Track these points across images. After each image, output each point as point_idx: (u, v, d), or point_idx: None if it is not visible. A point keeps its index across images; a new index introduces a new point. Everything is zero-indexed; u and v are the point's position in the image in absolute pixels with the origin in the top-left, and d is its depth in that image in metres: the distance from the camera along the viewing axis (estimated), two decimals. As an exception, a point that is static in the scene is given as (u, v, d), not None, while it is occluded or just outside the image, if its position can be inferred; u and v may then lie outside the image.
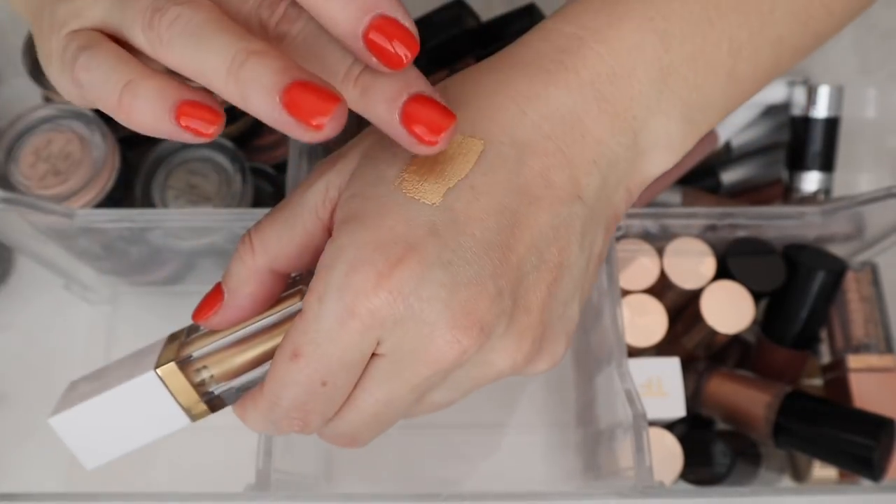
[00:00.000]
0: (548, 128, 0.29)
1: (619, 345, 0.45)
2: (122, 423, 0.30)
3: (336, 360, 0.27)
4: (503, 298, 0.27)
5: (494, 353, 0.28)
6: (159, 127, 0.26)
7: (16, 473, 0.54)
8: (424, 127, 0.26)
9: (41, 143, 0.54)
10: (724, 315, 0.50)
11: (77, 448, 0.30)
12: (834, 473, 0.51)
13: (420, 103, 0.26)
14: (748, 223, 0.49)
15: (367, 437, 0.30)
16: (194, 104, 0.25)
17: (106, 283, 0.57)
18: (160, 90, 0.25)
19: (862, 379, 0.51)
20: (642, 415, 0.42)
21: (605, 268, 0.47)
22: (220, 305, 0.30)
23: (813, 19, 0.32)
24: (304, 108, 0.24)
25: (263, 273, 0.30)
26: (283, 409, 0.28)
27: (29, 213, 0.45)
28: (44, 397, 0.53)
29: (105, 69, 0.26)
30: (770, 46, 0.32)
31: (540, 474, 0.54)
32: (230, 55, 0.25)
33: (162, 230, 0.49)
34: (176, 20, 0.25)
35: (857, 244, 0.52)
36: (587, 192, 0.29)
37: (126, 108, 0.26)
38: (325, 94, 0.24)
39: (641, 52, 0.30)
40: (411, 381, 0.28)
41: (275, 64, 0.24)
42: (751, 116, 0.58)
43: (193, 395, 0.30)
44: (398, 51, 0.25)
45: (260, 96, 0.24)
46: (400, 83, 0.26)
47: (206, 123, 0.25)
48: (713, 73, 0.31)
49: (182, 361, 0.29)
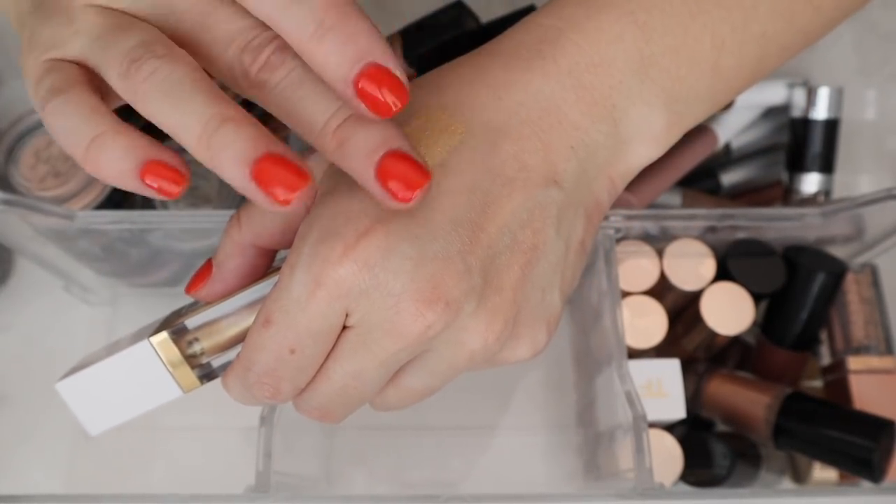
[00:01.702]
0: (524, 113, 0.29)
1: (619, 346, 0.45)
2: (121, 391, 0.31)
3: (304, 328, 0.27)
4: (472, 275, 0.27)
5: (465, 333, 0.28)
6: (124, 183, 0.26)
7: (15, 475, 0.54)
8: (399, 183, 0.26)
9: (41, 145, 0.54)
10: (724, 316, 0.50)
11: (81, 414, 0.32)
12: (834, 475, 0.51)
13: (396, 159, 0.26)
14: (748, 225, 0.49)
15: (340, 411, 0.31)
16: (160, 164, 0.25)
17: (106, 284, 0.57)
18: (127, 148, 0.25)
19: (862, 380, 0.51)
20: (642, 416, 0.42)
21: (605, 269, 0.47)
22: (209, 278, 0.31)
23: (798, 16, 0.32)
24: (272, 181, 0.25)
25: (248, 248, 0.31)
26: (255, 375, 0.29)
27: (29, 214, 0.45)
28: (44, 399, 0.54)
29: (75, 119, 0.26)
30: (754, 42, 0.32)
31: (540, 476, 0.54)
32: (204, 119, 0.25)
33: (162, 232, 0.49)
34: (153, 74, 0.25)
35: (858, 246, 0.52)
36: (564, 178, 0.29)
37: (92, 161, 0.25)
38: (294, 169, 0.25)
39: (621, 43, 0.30)
40: (379, 354, 0.28)
41: (247, 133, 0.25)
42: (750, 118, 0.58)
43: (185, 365, 0.31)
44: (387, 99, 0.25)
45: (230, 165, 0.25)
46: (377, 139, 0.26)
47: (170, 183, 0.25)
48: (696, 66, 0.31)
49: (175, 332, 0.30)
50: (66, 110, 0.26)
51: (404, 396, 0.31)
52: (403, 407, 0.32)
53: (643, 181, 0.53)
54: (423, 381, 0.30)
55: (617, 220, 0.48)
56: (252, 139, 0.25)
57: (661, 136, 0.31)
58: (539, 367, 0.57)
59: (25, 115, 0.54)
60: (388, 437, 0.55)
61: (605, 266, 0.47)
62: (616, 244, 0.48)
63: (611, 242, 0.48)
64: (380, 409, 0.32)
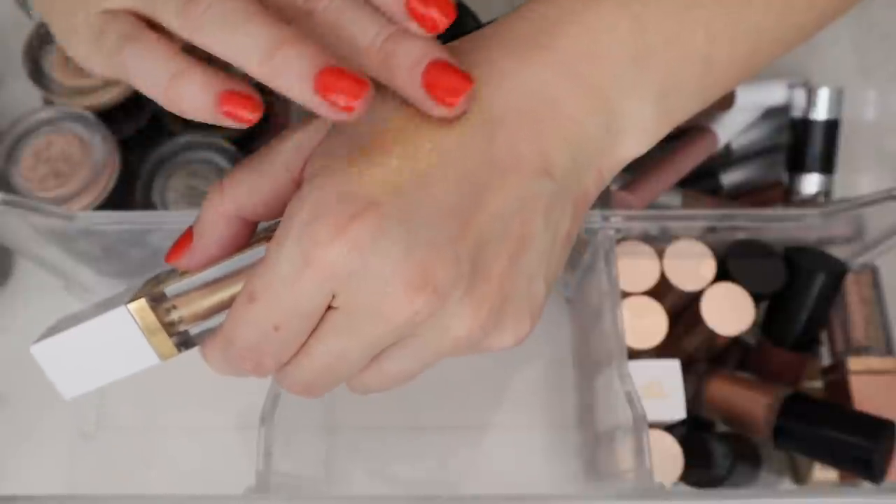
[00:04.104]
0: (520, 103, 0.29)
1: (620, 347, 0.45)
2: (97, 356, 0.31)
3: (289, 306, 0.28)
4: (461, 263, 0.28)
5: (451, 319, 0.28)
6: (203, 113, 0.27)
7: (15, 475, 0.54)
8: (444, 90, 0.28)
9: (41, 146, 0.54)
10: (724, 317, 0.50)
11: (55, 377, 0.32)
12: (834, 475, 0.51)
13: (440, 69, 0.28)
14: (748, 225, 0.49)
15: (321, 387, 0.31)
16: (235, 94, 0.27)
17: (106, 285, 0.57)
18: (204, 82, 0.27)
19: (862, 381, 0.51)
20: (642, 417, 0.42)
21: (606, 269, 0.47)
22: (189, 247, 0.31)
23: (791, 9, 0.33)
24: (335, 91, 0.26)
25: (231, 218, 0.31)
26: (237, 349, 0.29)
27: (29, 215, 0.45)
28: (44, 399, 0.54)
29: (154, 60, 0.28)
30: (748, 36, 0.32)
31: (540, 476, 0.54)
32: (263, 42, 0.26)
33: (162, 232, 0.49)
34: (209, 8, 0.27)
35: (858, 246, 0.52)
36: (557, 169, 0.30)
37: (172, 95, 0.27)
38: (354, 78, 0.26)
39: (616, 35, 0.30)
40: (364, 337, 0.28)
41: (306, 50, 0.26)
42: (750, 118, 0.58)
43: (162, 332, 0.31)
44: (435, 15, 0.27)
45: (293, 81, 0.26)
46: (419, 51, 0.28)
47: (246, 111, 0.27)
48: (689, 60, 0.31)
49: (153, 299, 0.30)
50: (143, 54, 0.28)
51: (384, 379, 0.31)
52: (381, 390, 0.32)
53: (643, 181, 0.53)
54: (404, 364, 0.30)
55: (617, 221, 0.48)
56: (310, 56, 0.26)
57: (652, 129, 0.32)
58: (539, 367, 0.57)
59: (25, 116, 0.54)
60: (388, 437, 0.55)
61: (605, 266, 0.47)
62: (616, 244, 0.48)
63: (611, 242, 0.48)
64: (357, 391, 0.32)
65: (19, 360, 0.57)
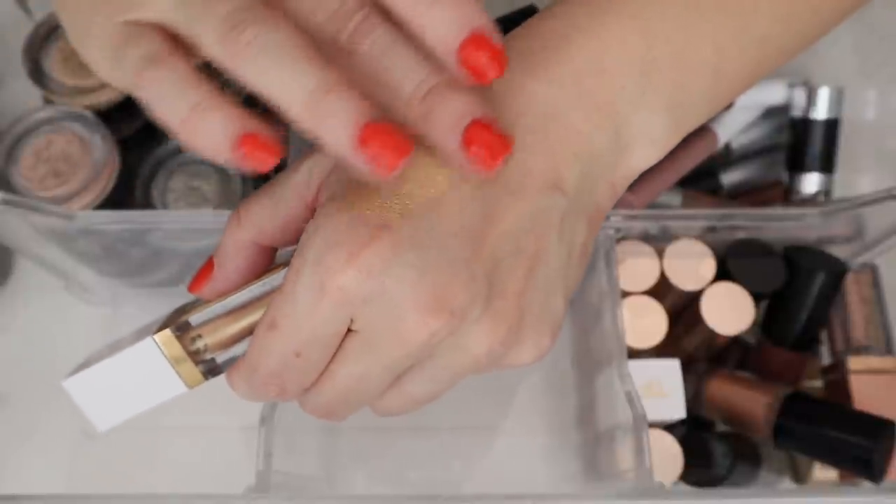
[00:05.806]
0: (529, 120, 0.29)
1: (620, 346, 0.45)
2: (127, 387, 0.32)
3: (309, 333, 0.28)
4: (476, 283, 0.28)
5: (470, 339, 0.28)
6: (217, 154, 0.26)
7: (15, 475, 0.54)
8: (483, 152, 0.27)
9: (41, 145, 0.54)
10: (724, 316, 0.50)
11: (88, 410, 0.32)
12: (834, 475, 0.51)
13: (479, 129, 0.27)
14: (748, 225, 0.49)
15: (344, 411, 0.31)
16: (257, 137, 0.25)
17: (106, 284, 0.57)
18: (224, 120, 0.25)
19: (862, 381, 0.51)
20: (642, 416, 0.42)
21: (606, 269, 0.47)
22: (210, 276, 0.31)
23: (797, 19, 0.33)
24: (377, 147, 0.25)
25: (248, 246, 0.31)
26: (261, 376, 0.29)
27: (29, 214, 0.45)
28: (44, 399, 0.54)
29: (172, 90, 0.26)
30: (754, 45, 0.32)
31: (540, 476, 0.54)
32: (310, 86, 0.25)
33: (162, 232, 0.49)
34: (255, 39, 0.25)
35: (858, 246, 0.52)
36: (568, 185, 0.30)
37: (190, 130, 0.26)
38: (400, 137, 0.25)
39: (624, 49, 0.30)
40: (383, 360, 0.28)
41: (353, 101, 0.25)
42: (751, 118, 0.58)
43: (189, 361, 0.31)
44: (487, 66, 0.26)
45: (337, 131, 0.25)
46: (461, 110, 0.27)
47: (263, 158, 0.26)
48: (697, 71, 0.31)
49: (178, 329, 0.31)
50: (163, 79, 0.26)
51: (406, 401, 0.31)
52: (404, 412, 0.32)
53: (643, 181, 0.53)
54: (425, 386, 0.30)
55: (617, 220, 0.48)
56: (357, 107, 0.25)
57: (662, 140, 0.31)
58: (539, 367, 0.57)
59: (25, 115, 0.54)
60: (388, 437, 0.55)
61: (605, 266, 0.47)
62: (616, 244, 0.48)
63: (611, 242, 0.48)
64: (381, 413, 0.32)
65: (19, 360, 0.57)
